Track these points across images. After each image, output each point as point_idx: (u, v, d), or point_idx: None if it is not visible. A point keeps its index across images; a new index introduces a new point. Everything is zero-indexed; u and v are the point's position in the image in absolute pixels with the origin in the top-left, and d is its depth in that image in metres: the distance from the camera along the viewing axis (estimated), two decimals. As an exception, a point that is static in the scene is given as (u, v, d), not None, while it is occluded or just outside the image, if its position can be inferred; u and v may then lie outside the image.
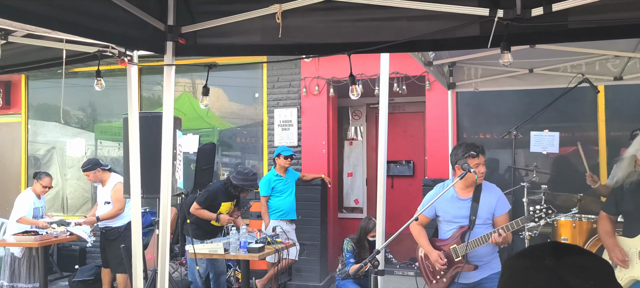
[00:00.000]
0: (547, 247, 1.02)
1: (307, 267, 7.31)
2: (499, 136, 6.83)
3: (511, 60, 2.43)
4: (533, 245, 1.05)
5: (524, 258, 1.02)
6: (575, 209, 5.00)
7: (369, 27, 2.85)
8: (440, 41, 2.70)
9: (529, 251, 1.04)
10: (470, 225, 3.81)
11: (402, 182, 8.35)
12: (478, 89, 5.97)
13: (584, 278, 0.94)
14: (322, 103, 7.75)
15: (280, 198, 6.68)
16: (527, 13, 2.33)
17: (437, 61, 5.32)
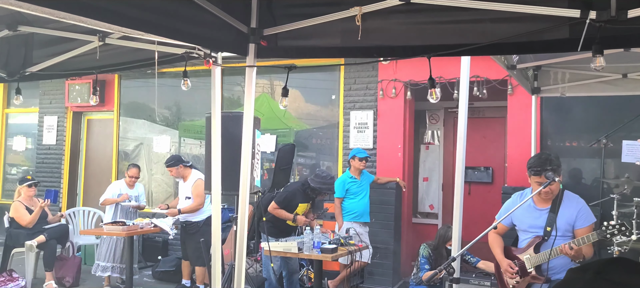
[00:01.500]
0: (600, 262, 0.99)
1: (379, 271, 7.27)
2: (586, 144, 6.46)
3: (604, 65, 2.30)
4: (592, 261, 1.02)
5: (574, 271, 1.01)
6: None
7: (451, 29, 2.81)
8: (526, 44, 2.60)
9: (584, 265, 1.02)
10: (545, 236, 3.68)
11: (480, 189, 8.10)
12: (565, 94, 5.68)
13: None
14: (399, 106, 7.68)
15: (354, 200, 6.69)
16: (623, 14, 2.20)
17: (521, 65, 5.12)
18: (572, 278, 1.01)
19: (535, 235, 3.79)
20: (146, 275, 7.95)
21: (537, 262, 3.73)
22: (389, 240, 7.29)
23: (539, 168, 3.64)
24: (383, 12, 2.83)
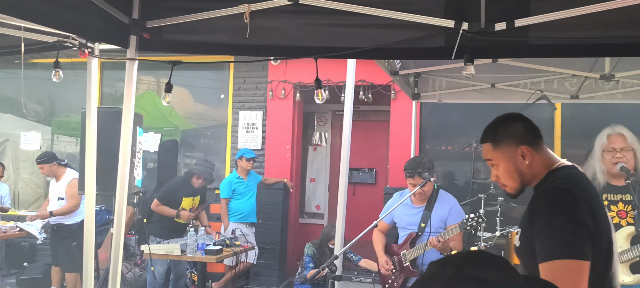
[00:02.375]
0: (459, 256, 1.01)
1: (265, 271, 7.26)
2: (459, 148, 6.95)
3: (474, 73, 2.48)
4: (455, 253, 1.05)
5: (435, 265, 1.01)
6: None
7: (338, 32, 2.86)
8: (407, 50, 2.73)
9: (445, 258, 1.03)
10: (419, 232, 3.97)
11: (364, 190, 8.40)
12: (442, 100, 6.07)
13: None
14: (288, 107, 7.73)
15: (240, 200, 6.62)
16: (491, 27, 2.39)
17: (403, 71, 5.38)
18: (433, 272, 1.02)
19: (411, 232, 4.06)
20: (9, 284, 7.24)
21: (411, 256, 4.00)
22: (275, 241, 7.30)
23: (412, 171, 3.94)
24: (272, 11, 2.82)
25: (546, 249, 1.71)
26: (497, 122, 2.07)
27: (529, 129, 2.03)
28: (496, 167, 2.03)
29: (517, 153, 1.97)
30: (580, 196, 1.80)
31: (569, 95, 5.64)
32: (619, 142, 3.28)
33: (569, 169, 1.97)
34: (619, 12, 2.22)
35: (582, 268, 1.65)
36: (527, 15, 2.37)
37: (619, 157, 3.26)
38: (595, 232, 1.74)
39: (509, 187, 2.05)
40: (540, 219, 1.78)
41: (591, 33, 2.36)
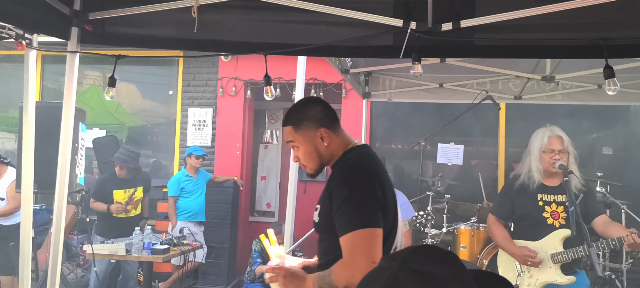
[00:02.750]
0: (406, 251, 1.03)
1: (214, 270, 7.16)
2: (409, 146, 7.07)
3: (421, 72, 2.52)
4: (402, 249, 1.06)
5: (383, 260, 1.03)
6: (475, 218, 5.28)
7: (287, 28, 2.84)
8: (356, 48, 2.74)
9: (392, 253, 1.05)
10: None
11: (316, 188, 8.41)
12: (391, 99, 6.15)
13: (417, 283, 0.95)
14: (239, 104, 7.64)
15: (189, 199, 6.50)
16: (438, 27, 2.43)
17: (353, 70, 5.41)
18: (381, 266, 1.03)
19: None
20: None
21: None
22: (224, 239, 7.21)
23: None
24: (220, 6, 2.77)
25: (346, 222, 1.87)
26: (298, 105, 2.23)
27: (327, 112, 2.17)
28: (297, 148, 2.15)
29: (317, 136, 2.10)
30: (371, 172, 1.99)
31: (512, 96, 5.83)
32: (558, 144, 3.41)
33: (361, 148, 2.16)
34: (559, 15, 2.30)
35: (377, 235, 1.85)
36: (473, 16, 2.42)
37: (557, 158, 3.38)
38: (384, 202, 1.94)
39: (308, 168, 2.18)
40: (339, 195, 1.92)
41: (533, 35, 2.44)
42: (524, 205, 3.52)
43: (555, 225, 3.39)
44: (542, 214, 3.41)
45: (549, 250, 3.37)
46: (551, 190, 3.46)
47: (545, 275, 3.38)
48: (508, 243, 3.53)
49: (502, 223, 3.68)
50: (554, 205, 3.43)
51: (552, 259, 3.35)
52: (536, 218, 3.44)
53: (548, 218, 3.41)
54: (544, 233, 3.40)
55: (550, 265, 3.35)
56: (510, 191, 3.62)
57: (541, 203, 3.44)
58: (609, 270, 5.25)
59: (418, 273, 0.96)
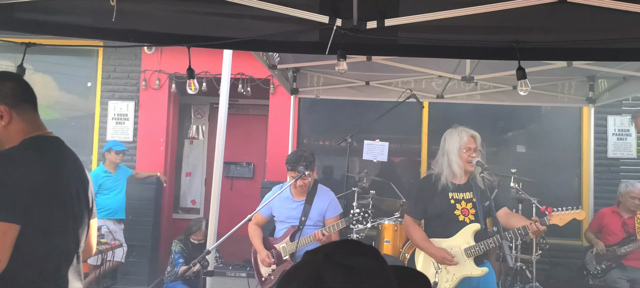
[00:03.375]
0: (330, 245, 1.05)
1: (135, 270, 6.90)
2: (336, 143, 7.15)
3: (346, 69, 2.53)
4: (325, 244, 1.07)
5: (307, 254, 1.04)
6: (398, 214, 5.42)
7: (212, 21, 2.77)
8: (282, 43, 2.72)
9: (316, 248, 1.06)
10: (300, 226, 4.01)
11: (242, 184, 8.32)
12: (319, 96, 6.20)
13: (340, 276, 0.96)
14: (163, 98, 7.40)
15: (108, 196, 6.23)
16: (363, 25, 2.45)
17: (281, 65, 5.40)
18: (306, 260, 1.04)
19: (291, 225, 4.08)
20: None
21: (291, 249, 4.02)
22: (146, 237, 6.98)
23: (294, 164, 3.96)
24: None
25: None
26: None
27: (17, 90, 2.06)
28: None
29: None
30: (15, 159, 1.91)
31: (435, 95, 6.04)
32: (473, 143, 3.58)
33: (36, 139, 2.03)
34: (477, 18, 2.39)
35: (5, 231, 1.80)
36: (397, 16, 2.46)
37: (473, 156, 3.54)
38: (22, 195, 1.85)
39: None
40: None
41: (453, 36, 2.52)
42: (437, 204, 3.63)
43: (466, 221, 3.54)
44: (454, 212, 3.56)
45: (462, 246, 3.52)
46: (460, 188, 3.61)
47: (461, 270, 3.52)
48: (427, 244, 3.62)
49: (418, 223, 3.78)
50: (463, 203, 3.59)
51: (466, 253, 3.50)
52: (449, 216, 3.58)
53: (459, 215, 3.57)
54: (456, 230, 3.55)
55: (465, 259, 3.49)
56: (424, 191, 3.73)
57: (453, 202, 3.59)
58: (520, 261, 5.56)
59: (342, 267, 0.97)
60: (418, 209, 3.75)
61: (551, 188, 6.75)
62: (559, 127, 7.02)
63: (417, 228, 3.73)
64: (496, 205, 3.58)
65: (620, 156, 6.97)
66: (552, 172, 6.96)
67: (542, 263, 6.08)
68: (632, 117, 6.94)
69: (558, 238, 6.39)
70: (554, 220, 3.19)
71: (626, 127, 6.97)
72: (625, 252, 5.34)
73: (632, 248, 5.31)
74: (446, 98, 6.05)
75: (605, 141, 6.99)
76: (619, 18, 2.30)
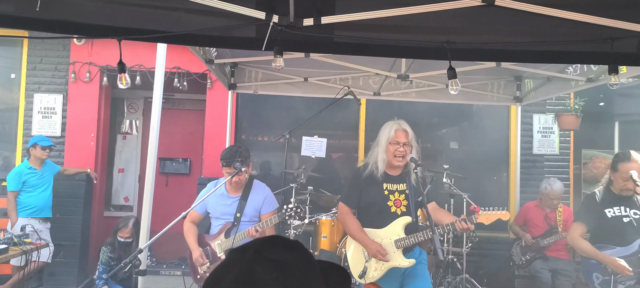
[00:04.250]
0: (258, 241, 1.06)
1: (62, 270, 6.61)
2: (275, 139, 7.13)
3: (283, 65, 2.53)
4: (253, 240, 1.08)
5: (235, 251, 1.04)
6: (335, 209, 5.48)
7: (145, 13, 2.68)
8: (218, 38, 2.67)
9: (245, 243, 1.07)
10: (235, 222, 3.98)
11: (178, 180, 8.13)
12: (257, 91, 6.15)
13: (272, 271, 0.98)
14: (94, 92, 7.11)
15: (33, 193, 5.92)
16: (300, 22, 2.45)
17: (218, 60, 5.32)
18: (234, 257, 1.03)
19: (226, 222, 4.03)
20: None
21: (227, 246, 3.97)
22: (75, 237, 6.69)
23: (229, 159, 3.91)
24: (68, -17, 2.54)
25: None
26: None
27: None
28: None
29: None
30: None
31: (372, 92, 6.14)
32: (403, 137, 3.64)
33: None
34: (411, 19, 2.45)
35: None
36: (333, 13, 2.48)
37: (401, 150, 3.61)
38: None
39: None
40: None
41: (387, 35, 2.56)
42: (371, 194, 3.67)
43: (398, 213, 3.62)
44: (387, 203, 3.61)
45: (392, 237, 3.58)
46: (394, 180, 3.68)
47: (390, 260, 3.58)
48: (361, 235, 3.65)
49: (354, 212, 3.80)
50: (397, 194, 3.65)
51: (396, 244, 3.57)
52: (381, 207, 3.63)
53: (392, 206, 3.62)
54: (388, 221, 3.61)
55: (394, 250, 3.56)
56: (359, 180, 3.75)
57: (386, 192, 3.64)
58: (451, 253, 5.77)
59: (273, 262, 0.99)
60: (352, 197, 3.76)
61: (482, 183, 7.04)
62: (489, 125, 7.32)
63: (352, 217, 3.75)
64: (427, 199, 3.67)
65: (544, 152, 7.36)
66: (483, 168, 7.26)
67: (472, 256, 6.34)
68: (555, 116, 7.34)
69: (486, 231, 6.67)
70: (481, 219, 3.33)
71: (550, 125, 7.36)
72: (548, 244, 5.65)
73: (554, 240, 5.62)
74: (383, 95, 6.16)
75: (531, 138, 7.36)
76: (542, 22, 2.43)
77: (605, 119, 6.85)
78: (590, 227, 3.99)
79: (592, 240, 3.97)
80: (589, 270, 3.96)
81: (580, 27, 2.41)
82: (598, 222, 3.91)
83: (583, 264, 4.11)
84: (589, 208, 3.99)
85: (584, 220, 4.00)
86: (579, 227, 4.01)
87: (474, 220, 3.36)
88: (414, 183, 3.61)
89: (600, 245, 3.88)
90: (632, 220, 3.81)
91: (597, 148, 7.50)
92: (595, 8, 2.40)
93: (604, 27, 2.40)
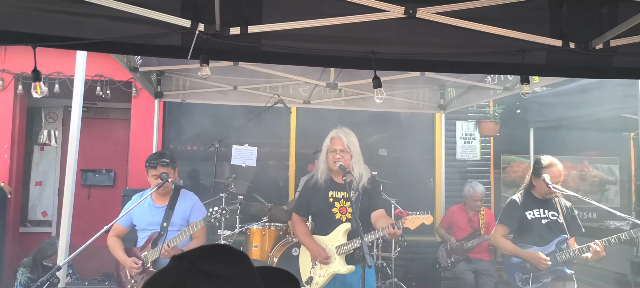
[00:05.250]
0: (196, 250, 1.02)
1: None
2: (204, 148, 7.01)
3: (209, 74, 2.50)
4: (192, 249, 1.05)
5: (173, 259, 1.00)
6: (266, 218, 5.46)
7: (62, 20, 2.56)
8: (141, 46, 2.60)
9: (182, 253, 1.03)
10: (161, 231, 3.90)
11: (101, 193, 7.79)
12: (185, 100, 6.03)
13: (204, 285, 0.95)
14: (8, 100, 6.70)
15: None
16: (226, 31, 2.43)
17: (144, 68, 5.17)
18: (169, 266, 1.00)
19: (153, 232, 3.92)
20: None
21: (154, 256, 3.87)
22: (-12, 255, 6.25)
23: (155, 162, 3.85)
24: (-24, -14, 2.38)
25: None
26: None
27: None
28: None
29: None
30: None
31: (302, 100, 6.18)
32: (339, 144, 3.71)
33: None
34: (337, 29, 2.49)
35: None
36: (260, 23, 2.48)
37: (338, 157, 3.68)
38: None
39: None
40: None
41: (315, 45, 2.59)
42: (317, 202, 3.78)
43: (342, 220, 3.69)
44: (332, 210, 3.69)
45: (334, 243, 3.66)
46: (339, 187, 3.75)
47: (332, 267, 3.65)
48: (307, 239, 3.79)
49: (305, 220, 3.94)
50: (342, 201, 3.72)
51: (337, 251, 3.63)
52: (327, 214, 3.72)
53: (336, 213, 3.70)
54: (332, 228, 3.69)
55: (335, 256, 3.62)
56: (307, 189, 3.89)
57: (331, 200, 3.72)
58: (381, 258, 5.89)
59: (204, 274, 0.95)
60: (301, 206, 3.92)
61: (410, 188, 7.25)
62: (416, 132, 7.56)
63: (301, 224, 3.90)
64: (374, 206, 3.72)
65: (467, 158, 7.70)
66: (411, 174, 7.48)
67: (401, 260, 6.50)
68: (476, 123, 7.70)
69: (414, 235, 6.88)
70: (407, 224, 3.43)
71: (471, 132, 7.71)
72: (472, 246, 5.90)
73: (477, 242, 5.88)
74: (313, 103, 6.22)
75: (455, 144, 7.67)
76: (461, 34, 2.55)
77: (522, 125, 7.25)
78: (512, 229, 4.21)
79: (514, 240, 4.18)
80: (511, 269, 4.16)
81: (495, 40, 2.56)
82: (519, 223, 4.13)
83: (505, 263, 4.32)
84: (511, 211, 4.20)
85: (506, 222, 4.21)
86: (501, 228, 4.22)
87: (401, 225, 3.46)
88: (360, 190, 3.65)
89: (521, 245, 4.09)
90: (550, 221, 4.06)
91: (515, 153, 7.93)
92: (508, 22, 2.55)
93: (516, 39, 2.56)
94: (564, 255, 3.93)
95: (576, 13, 2.60)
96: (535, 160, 4.24)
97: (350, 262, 3.67)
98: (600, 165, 8.23)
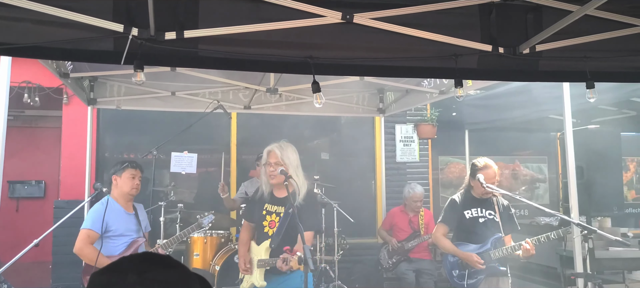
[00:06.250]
0: (134, 261, 1.01)
1: None
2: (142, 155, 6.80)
3: (144, 80, 2.44)
4: (122, 258, 1.02)
5: (108, 273, 0.98)
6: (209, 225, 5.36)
7: (-17, 23, 2.42)
8: (71, 51, 2.48)
9: (115, 265, 1.00)
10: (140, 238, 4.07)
11: (31, 205, 7.41)
12: (121, 107, 5.84)
13: None
14: None
15: None
16: (161, 35, 2.37)
17: (75, 74, 4.97)
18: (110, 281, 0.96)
19: (134, 238, 4.02)
20: None
21: None
22: None
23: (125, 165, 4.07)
24: None
25: None
26: None
27: None
28: None
29: None
30: None
31: (242, 106, 6.13)
32: (273, 157, 3.69)
33: None
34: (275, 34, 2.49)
35: None
36: (196, 28, 2.44)
37: (271, 170, 3.67)
38: None
39: None
40: None
41: (253, 50, 2.58)
42: (256, 211, 3.84)
43: (270, 234, 3.69)
44: (263, 223, 3.72)
45: (257, 256, 3.70)
46: (277, 201, 3.74)
47: (251, 279, 3.73)
48: (240, 246, 3.92)
49: (251, 226, 3.94)
50: (273, 216, 3.72)
51: (258, 264, 3.66)
52: (260, 226, 3.78)
53: (266, 227, 3.73)
54: (262, 240, 3.73)
55: (255, 270, 3.66)
56: (255, 198, 3.95)
57: (264, 213, 3.75)
58: (324, 262, 5.92)
59: (158, 283, 0.95)
60: (247, 213, 4.08)
61: (351, 191, 7.34)
62: (357, 136, 7.67)
63: (244, 229, 3.96)
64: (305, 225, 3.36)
65: (406, 160, 7.88)
66: (352, 177, 7.57)
67: (344, 262, 6.56)
68: (414, 126, 7.90)
69: (356, 238, 6.96)
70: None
71: (410, 135, 7.90)
72: (412, 246, 6.03)
73: (417, 242, 6.03)
74: (253, 109, 6.18)
75: (394, 147, 7.83)
76: (397, 39, 2.61)
77: (457, 127, 7.50)
78: (451, 227, 4.35)
79: (454, 238, 4.32)
80: (448, 267, 4.30)
81: (429, 45, 2.63)
82: (458, 222, 4.28)
83: (443, 262, 4.45)
84: (451, 210, 4.34)
85: (447, 221, 4.34)
86: (442, 227, 4.35)
87: None
88: (296, 206, 3.46)
89: (459, 243, 4.24)
90: (487, 220, 4.22)
91: (451, 154, 8.20)
92: (442, 28, 2.64)
93: (449, 45, 2.64)
94: (498, 253, 4.10)
95: (504, 19, 2.71)
96: (472, 163, 4.39)
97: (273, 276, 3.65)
98: (530, 164, 8.65)
